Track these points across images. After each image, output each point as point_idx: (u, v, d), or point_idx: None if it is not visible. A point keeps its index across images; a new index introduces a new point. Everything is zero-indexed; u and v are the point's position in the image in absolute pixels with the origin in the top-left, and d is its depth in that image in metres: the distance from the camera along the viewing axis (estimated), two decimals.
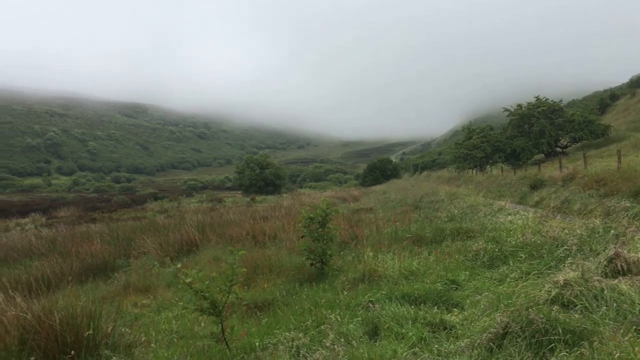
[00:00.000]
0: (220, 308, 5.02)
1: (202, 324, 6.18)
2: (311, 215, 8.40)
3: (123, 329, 5.46)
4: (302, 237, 8.79)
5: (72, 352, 4.51)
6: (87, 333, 4.72)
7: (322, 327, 5.25)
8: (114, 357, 4.47)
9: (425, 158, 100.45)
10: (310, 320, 5.61)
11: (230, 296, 5.20)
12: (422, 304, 5.71)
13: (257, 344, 5.04)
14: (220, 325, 5.06)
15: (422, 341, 4.58)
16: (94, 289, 9.62)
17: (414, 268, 7.31)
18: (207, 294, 4.99)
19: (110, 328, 5.11)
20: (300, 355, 4.50)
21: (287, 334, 5.15)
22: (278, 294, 7.32)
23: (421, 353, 4.25)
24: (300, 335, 5.06)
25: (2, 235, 18.92)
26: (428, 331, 4.81)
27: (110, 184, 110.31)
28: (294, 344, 4.80)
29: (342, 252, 9.39)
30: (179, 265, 5.85)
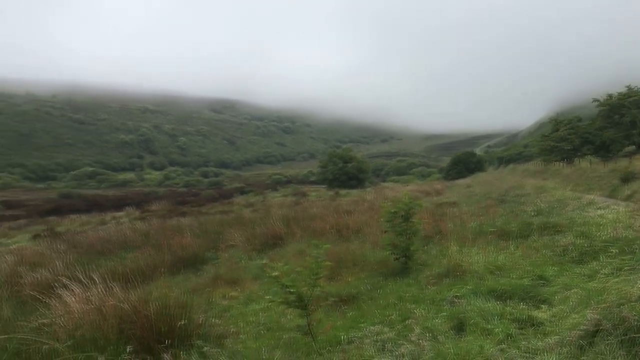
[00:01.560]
0: (306, 301, 5.10)
1: (289, 317, 6.30)
2: (394, 209, 8.37)
3: (214, 320, 5.66)
4: (385, 231, 8.78)
5: (166, 342, 4.72)
6: (180, 323, 4.93)
7: (407, 321, 5.24)
8: (206, 347, 4.64)
9: (510, 151, 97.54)
10: (395, 315, 5.61)
11: (315, 290, 5.28)
12: (509, 300, 5.58)
13: (342, 337, 5.09)
14: (306, 318, 5.15)
15: (509, 337, 4.48)
16: (185, 280, 9.98)
17: (499, 263, 7.15)
18: (293, 288, 5.10)
19: (201, 319, 5.31)
20: (386, 349, 4.51)
21: (373, 327, 5.18)
22: (362, 287, 7.35)
23: (508, 349, 4.16)
24: (386, 329, 5.07)
25: (99, 229, 19.99)
26: (515, 327, 4.70)
27: (199, 179, 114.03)
28: (380, 337, 4.81)
29: (425, 247, 9.30)
30: (264, 261, 6.01)
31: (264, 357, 4.57)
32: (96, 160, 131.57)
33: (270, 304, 6.79)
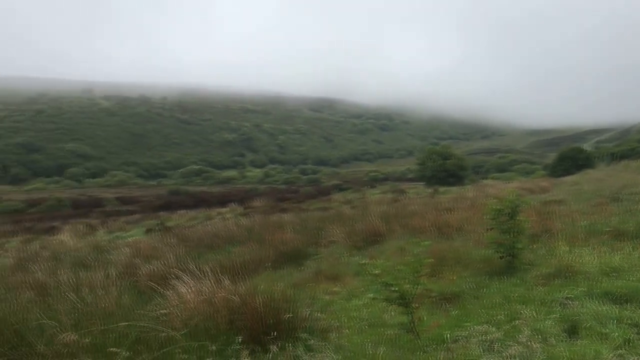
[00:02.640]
0: (409, 299, 5.09)
1: (391, 313, 6.30)
2: (499, 206, 8.14)
3: (317, 314, 5.76)
4: (489, 229, 8.56)
5: (273, 334, 4.87)
6: (286, 316, 5.07)
7: (515, 322, 5.09)
8: (312, 341, 4.75)
9: (622, 146, 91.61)
10: (501, 315, 5.46)
11: (417, 287, 5.25)
12: (627, 304, 5.28)
13: (447, 335, 5.03)
14: (408, 315, 5.13)
15: (628, 343, 4.24)
16: (287, 275, 10.19)
17: (615, 264, 6.77)
18: (395, 286, 5.10)
19: (306, 313, 5.43)
20: (494, 349, 4.41)
21: (478, 327, 5.07)
22: (465, 286, 7.21)
23: (628, 355, 3.95)
24: (492, 329, 4.96)
25: (206, 224, 20.83)
26: (634, 333, 4.45)
27: (298, 176, 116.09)
28: (486, 337, 4.71)
29: (532, 246, 8.97)
30: (364, 261, 6.04)
31: (368, 352, 4.61)
32: (201, 159, 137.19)
33: (372, 300, 6.81)
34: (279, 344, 4.69)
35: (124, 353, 4.32)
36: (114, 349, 4.32)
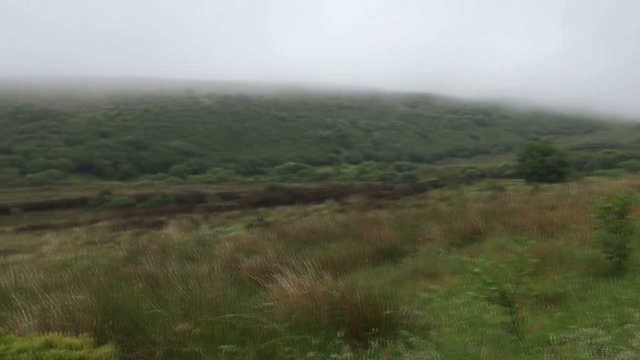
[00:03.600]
0: (511, 299, 4.98)
1: (491, 313, 6.18)
2: (607, 204, 7.77)
3: (417, 312, 5.76)
4: (595, 228, 8.19)
5: (373, 330, 4.93)
6: (385, 313, 5.11)
7: (626, 325, 4.87)
8: (412, 338, 4.77)
9: None
10: (610, 318, 5.23)
11: (520, 287, 5.13)
12: None
13: (551, 337, 4.88)
14: (511, 315, 5.03)
15: None
16: (384, 272, 10.20)
17: None
18: (495, 286, 5.01)
19: (406, 310, 5.45)
20: (603, 353, 4.25)
21: (586, 330, 4.89)
22: (570, 287, 6.94)
23: None
24: (601, 332, 4.77)
25: (303, 219, 21.19)
26: None
27: (393, 172, 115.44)
28: (595, 341, 4.53)
29: None
30: (465, 259, 5.96)
31: (470, 351, 4.56)
32: (298, 155, 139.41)
33: (471, 299, 6.72)
34: (379, 340, 4.74)
35: (228, 346, 4.53)
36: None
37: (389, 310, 5.16)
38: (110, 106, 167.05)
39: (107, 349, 3.77)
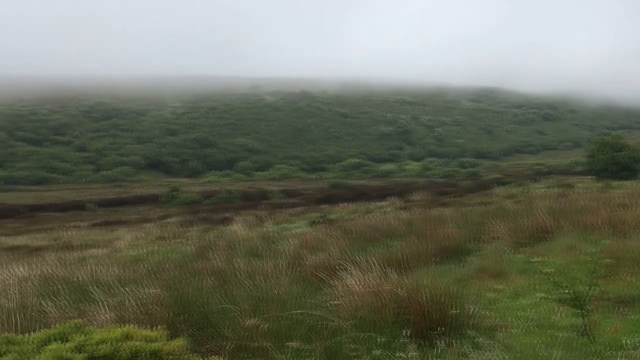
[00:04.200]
0: (583, 301, 4.87)
1: (560, 315, 6.05)
2: None
3: (483, 312, 5.71)
4: None
5: (439, 329, 4.92)
6: (451, 312, 5.10)
7: None
8: (479, 338, 4.73)
9: None
10: None
11: (593, 289, 5.01)
12: None
13: (625, 341, 4.75)
14: (582, 318, 4.91)
15: None
16: (448, 271, 10.11)
17: None
18: (566, 288, 4.91)
19: (472, 310, 5.41)
20: None
21: None
22: None
23: None
24: None
25: (366, 217, 21.21)
26: None
27: (456, 169, 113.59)
28: None
29: None
30: (535, 259, 5.85)
31: (540, 354, 4.49)
32: (360, 152, 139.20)
33: (539, 300, 6.58)
34: (445, 340, 4.73)
35: (295, 343, 4.62)
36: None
37: (455, 309, 5.14)
38: (177, 104, 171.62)
39: (180, 342, 3.93)
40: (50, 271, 9.91)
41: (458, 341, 4.80)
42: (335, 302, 5.68)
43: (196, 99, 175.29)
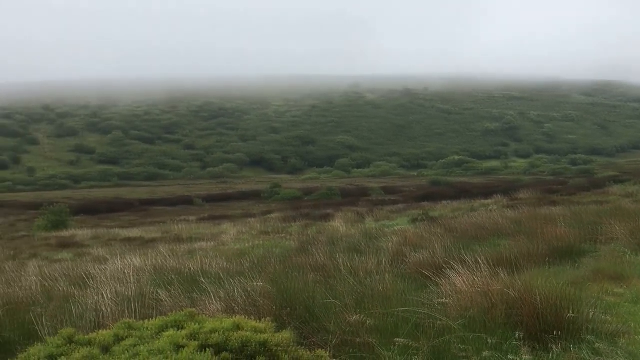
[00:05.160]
0: None
1: None
2: None
3: (603, 316, 5.34)
4: None
5: (555, 333, 4.65)
6: (567, 315, 4.80)
7: None
8: (598, 344, 4.43)
9: None
10: None
11: None
12: None
13: None
14: None
15: None
16: (561, 272, 9.59)
17: None
18: None
19: (590, 313, 5.07)
20: None
21: None
22: None
23: None
24: None
25: (469, 215, 20.64)
26: None
27: (566, 167, 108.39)
28: None
29: None
30: None
31: None
32: (463, 149, 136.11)
33: None
34: (561, 345, 4.46)
35: (401, 339, 4.53)
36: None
37: (572, 313, 4.83)
38: (280, 103, 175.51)
39: (286, 334, 3.95)
40: (163, 262, 10.39)
41: (576, 346, 4.51)
42: (442, 300, 5.52)
43: (298, 98, 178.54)
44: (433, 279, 6.87)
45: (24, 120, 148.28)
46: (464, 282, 5.75)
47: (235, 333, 3.77)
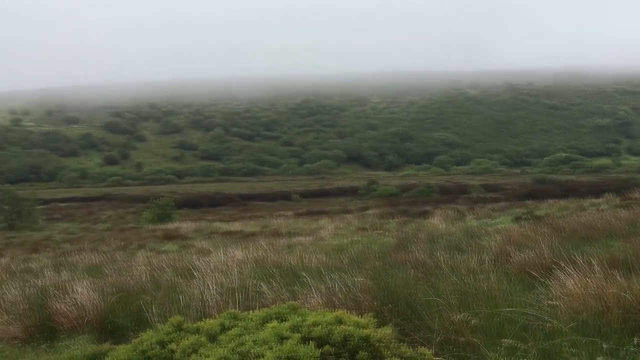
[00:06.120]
0: None
1: None
2: None
3: None
4: None
5: None
6: None
7: None
8: None
9: None
10: None
11: None
12: None
13: None
14: None
15: None
16: None
17: None
18: None
19: None
20: None
21: None
22: None
23: None
24: None
25: (578, 214, 19.63)
26: None
27: None
28: None
29: None
30: None
31: None
32: (570, 146, 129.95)
33: None
34: None
35: (508, 340, 4.36)
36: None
37: None
38: (377, 100, 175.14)
39: (388, 330, 3.91)
40: (263, 255, 10.62)
41: None
42: (551, 302, 5.27)
43: (396, 94, 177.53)
44: (541, 279, 6.59)
45: (133, 118, 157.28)
46: (576, 284, 5.45)
47: (337, 327, 3.78)
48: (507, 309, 4.95)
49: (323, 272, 7.01)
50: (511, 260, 9.76)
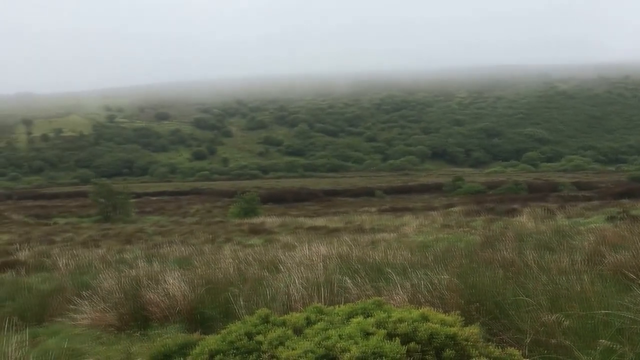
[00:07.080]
0: None
1: None
2: None
3: None
4: None
5: None
6: None
7: None
8: None
9: None
10: None
11: None
12: None
13: None
14: None
15: None
16: None
17: None
18: None
19: None
20: None
21: None
22: None
23: None
24: None
25: None
26: None
27: None
28: None
29: None
30: None
31: None
32: None
33: None
34: None
35: (605, 342, 4.20)
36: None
37: None
38: (464, 95, 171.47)
39: (475, 329, 3.85)
40: (347, 251, 10.68)
41: None
42: None
43: (483, 89, 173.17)
44: (638, 281, 6.28)
45: (220, 114, 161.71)
46: None
47: (423, 324, 3.76)
48: (602, 311, 4.75)
49: (408, 269, 6.97)
50: (605, 261, 9.34)
